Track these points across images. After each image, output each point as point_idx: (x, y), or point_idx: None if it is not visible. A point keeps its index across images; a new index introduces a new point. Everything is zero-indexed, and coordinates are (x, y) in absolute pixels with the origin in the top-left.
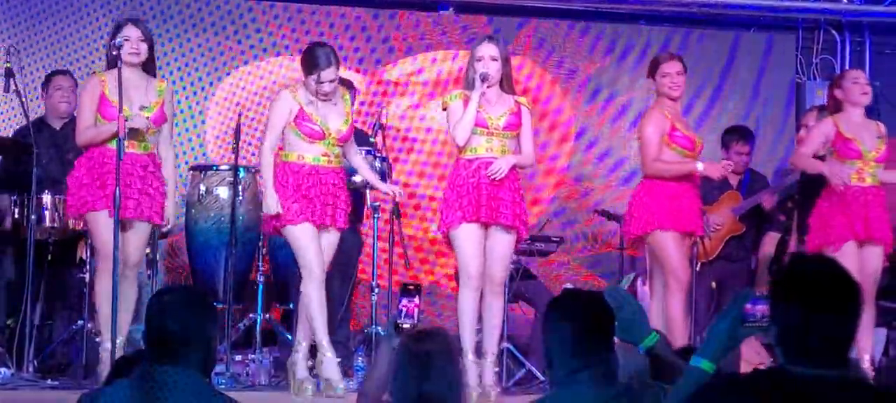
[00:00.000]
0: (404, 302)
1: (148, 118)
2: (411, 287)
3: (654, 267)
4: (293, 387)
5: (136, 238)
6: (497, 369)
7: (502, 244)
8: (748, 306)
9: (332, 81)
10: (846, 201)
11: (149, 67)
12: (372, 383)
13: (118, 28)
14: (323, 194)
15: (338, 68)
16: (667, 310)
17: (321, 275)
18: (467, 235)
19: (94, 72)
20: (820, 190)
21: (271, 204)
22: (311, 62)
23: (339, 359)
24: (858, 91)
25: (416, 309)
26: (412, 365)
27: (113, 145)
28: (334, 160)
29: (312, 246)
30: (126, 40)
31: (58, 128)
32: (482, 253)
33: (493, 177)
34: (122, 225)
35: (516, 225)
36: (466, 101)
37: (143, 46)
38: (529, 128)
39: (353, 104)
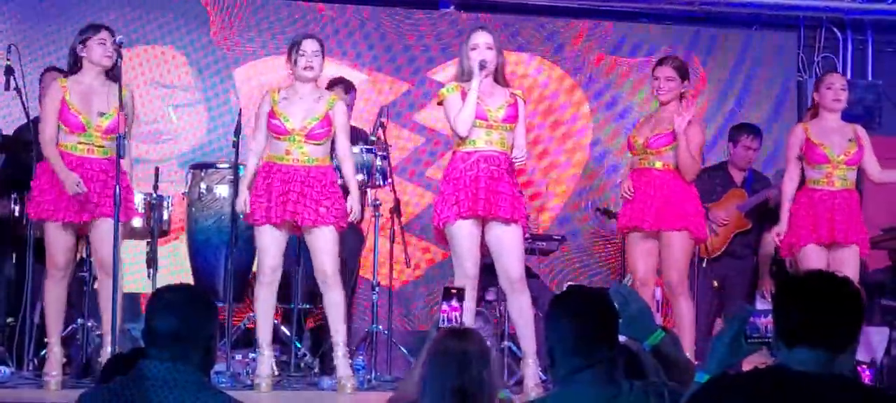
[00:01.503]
0: (445, 306)
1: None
2: (454, 290)
3: None
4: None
5: (102, 237)
6: (540, 370)
7: (507, 237)
8: (751, 320)
9: (315, 53)
10: (813, 205)
11: (112, 74)
12: (411, 384)
13: (94, 31)
14: (281, 193)
15: (321, 47)
16: None
17: (271, 279)
18: (462, 232)
19: (56, 78)
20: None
21: (239, 202)
22: (289, 47)
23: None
24: (830, 97)
25: (457, 314)
26: (449, 363)
27: (73, 151)
28: (301, 158)
29: (269, 249)
30: (102, 44)
31: None
32: (478, 250)
33: (519, 164)
34: (84, 229)
35: (516, 218)
36: (463, 93)
37: (110, 51)
38: (523, 122)
39: (351, 104)
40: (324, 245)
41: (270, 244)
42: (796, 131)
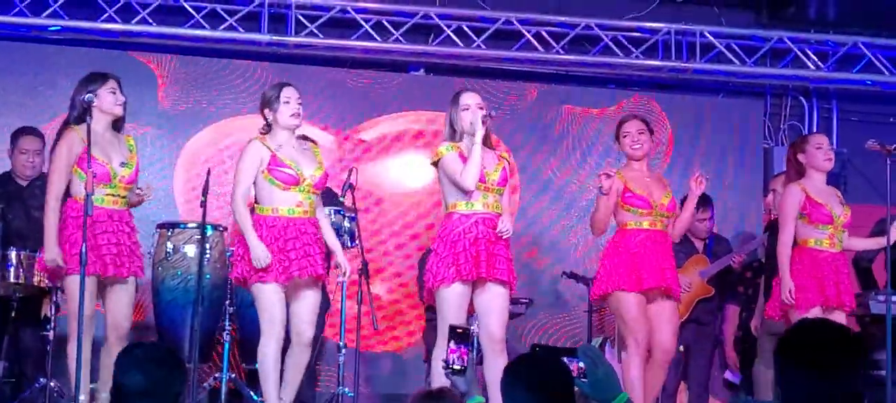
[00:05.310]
0: (452, 346)
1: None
2: (459, 330)
3: (618, 330)
4: None
5: (126, 296)
6: None
7: (499, 299)
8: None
9: (299, 101)
10: (819, 266)
11: (119, 124)
12: None
13: (102, 80)
14: (301, 246)
15: (298, 94)
16: (624, 372)
17: (282, 333)
18: (456, 295)
19: (70, 126)
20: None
21: (260, 255)
22: (267, 96)
23: None
24: (822, 156)
25: (464, 356)
26: None
27: (101, 204)
28: (309, 209)
29: (279, 305)
30: (113, 92)
31: (24, 186)
32: (465, 314)
33: (502, 236)
34: (106, 286)
35: (510, 281)
36: (461, 154)
37: (122, 99)
38: (509, 187)
39: None
40: (315, 301)
41: (280, 299)
42: (794, 190)
